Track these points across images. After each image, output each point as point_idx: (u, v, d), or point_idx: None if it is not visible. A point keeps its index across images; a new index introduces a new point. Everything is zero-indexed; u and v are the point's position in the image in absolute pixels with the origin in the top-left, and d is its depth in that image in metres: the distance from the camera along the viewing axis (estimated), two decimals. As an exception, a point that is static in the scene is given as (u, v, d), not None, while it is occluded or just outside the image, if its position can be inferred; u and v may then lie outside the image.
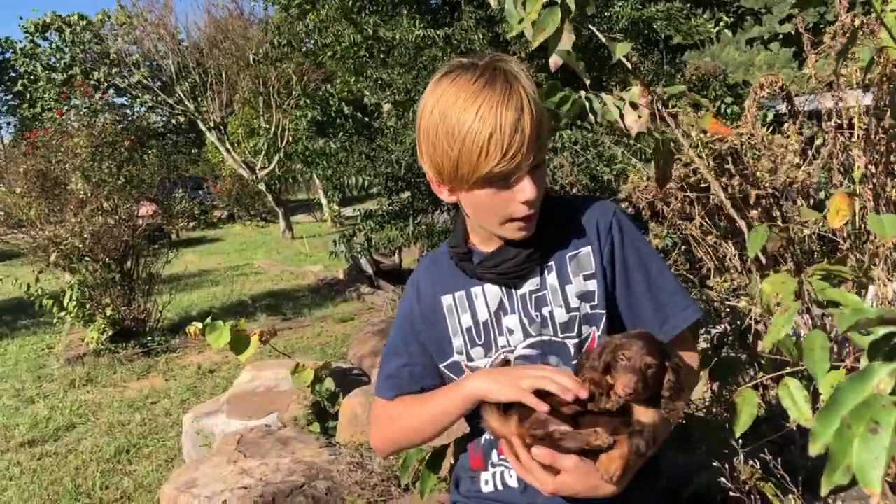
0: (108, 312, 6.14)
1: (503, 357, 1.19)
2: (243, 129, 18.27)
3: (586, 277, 1.18)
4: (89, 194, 6.36)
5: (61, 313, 6.06)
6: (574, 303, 1.17)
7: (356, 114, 4.65)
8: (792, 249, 1.93)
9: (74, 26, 23.40)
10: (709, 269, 2.29)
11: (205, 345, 6.15)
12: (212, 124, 17.63)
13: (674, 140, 1.52)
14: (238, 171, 17.64)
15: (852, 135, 1.95)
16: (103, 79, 20.66)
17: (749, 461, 1.40)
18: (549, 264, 1.19)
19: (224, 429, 3.33)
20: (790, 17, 4.84)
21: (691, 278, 2.52)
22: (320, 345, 6.07)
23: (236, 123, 18.44)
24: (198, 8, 49.00)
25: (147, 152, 7.45)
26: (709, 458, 1.43)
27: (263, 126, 16.67)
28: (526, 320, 1.19)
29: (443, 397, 1.19)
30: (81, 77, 20.86)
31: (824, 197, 2.15)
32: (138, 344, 6.34)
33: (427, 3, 5.10)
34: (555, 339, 1.18)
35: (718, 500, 1.51)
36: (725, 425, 1.46)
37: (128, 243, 6.51)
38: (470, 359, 1.24)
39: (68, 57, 25.10)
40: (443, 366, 1.27)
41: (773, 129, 2.18)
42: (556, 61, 1.31)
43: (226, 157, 17.83)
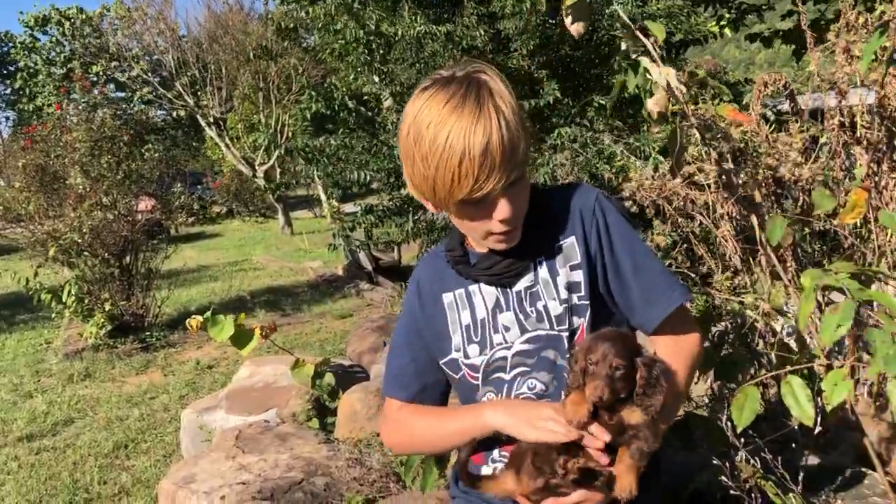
0: (107, 307, 6.13)
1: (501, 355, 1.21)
2: (243, 125, 18.23)
3: (573, 268, 1.18)
4: (88, 189, 6.34)
5: (60, 308, 6.05)
6: (564, 294, 1.18)
7: (360, 108, 4.63)
8: (796, 247, 1.93)
9: (74, 20, 23.34)
10: (710, 268, 2.28)
11: (203, 340, 6.16)
12: (211, 119, 17.60)
13: (690, 127, 1.53)
14: (237, 166, 17.62)
15: (854, 133, 1.94)
16: (102, 73, 20.61)
17: (750, 460, 1.40)
18: (541, 258, 1.20)
19: (223, 424, 3.32)
20: (791, 12, 4.83)
21: (693, 276, 2.51)
22: (319, 341, 6.07)
23: (236, 119, 18.40)
24: (198, 3, 48.90)
25: (146, 147, 7.42)
26: (709, 457, 1.43)
27: (263, 122, 16.63)
28: (521, 316, 1.20)
29: (460, 420, 1.22)
30: (80, 71, 20.81)
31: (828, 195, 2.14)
32: (137, 339, 6.33)
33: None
34: (551, 332, 1.19)
35: (719, 498, 1.51)
36: (726, 423, 1.46)
37: (127, 238, 6.50)
38: (466, 356, 1.25)
39: (68, 51, 25.04)
40: (442, 362, 1.28)
41: (775, 128, 2.18)
42: (579, 28, 1.34)
43: (225, 153, 17.80)
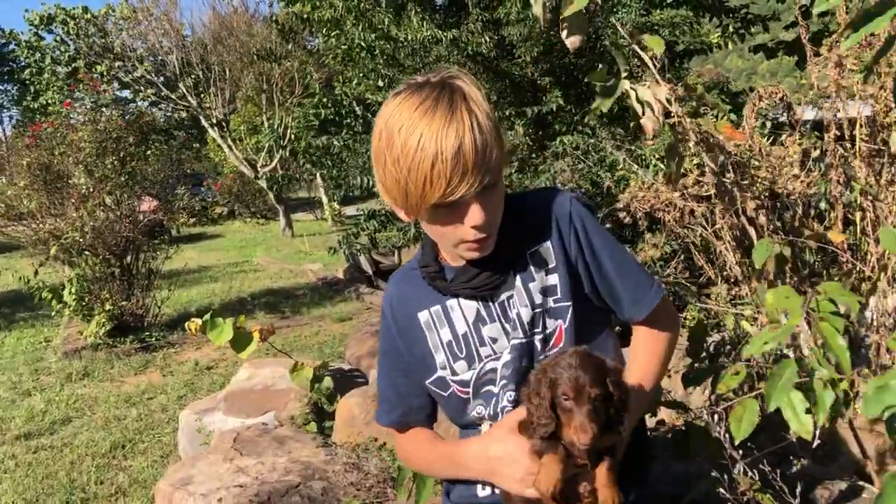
0: (107, 307, 6.13)
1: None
2: (245, 127, 18.27)
3: (548, 272, 1.18)
4: (92, 189, 6.35)
5: (60, 306, 6.06)
6: (538, 299, 1.17)
7: (367, 113, 4.65)
8: (793, 260, 1.93)
9: (79, 19, 23.42)
10: (708, 278, 2.29)
11: (202, 341, 6.16)
12: (214, 121, 17.63)
13: (685, 140, 1.54)
14: (240, 168, 17.64)
15: (853, 146, 1.95)
16: (106, 72, 20.65)
17: (748, 472, 1.40)
18: (517, 267, 1.19)
19: (221, 426, 3.32)
20: (794, 23, 4.84)
21: (690, 287, 2.52)
22: (318, 344, 6.07)
23: (239, 120, 18.45)
24: (203, 4, 49.07)
25: (150, 147, 7.44)
26: (707, 467, 1.43)
27: (266, 124, 16.66)
28: (508, 326, 1.19)
29: (451, 463, 1.23)
30: (85, 70, 20.86)
31: (825, 207, 2.15)
32: (136, 339, 6.33)
33: (433, 3, 5.10)
34: (524, 340, 1.18)
35: (716, 509, 1.51)
36: (725, 434, 1.46)
37: (128, 238, 6.51)
38: (454, 373, 1.24)
39: (72, 50, 25.11)
40: (428, 382, 1.27)
41: (773, 140, 2.18)
42: (575, 42, 1.34)
43: (228, 154, 17.83)
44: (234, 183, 20.65)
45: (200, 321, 3.06)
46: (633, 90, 1.64)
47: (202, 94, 17.91)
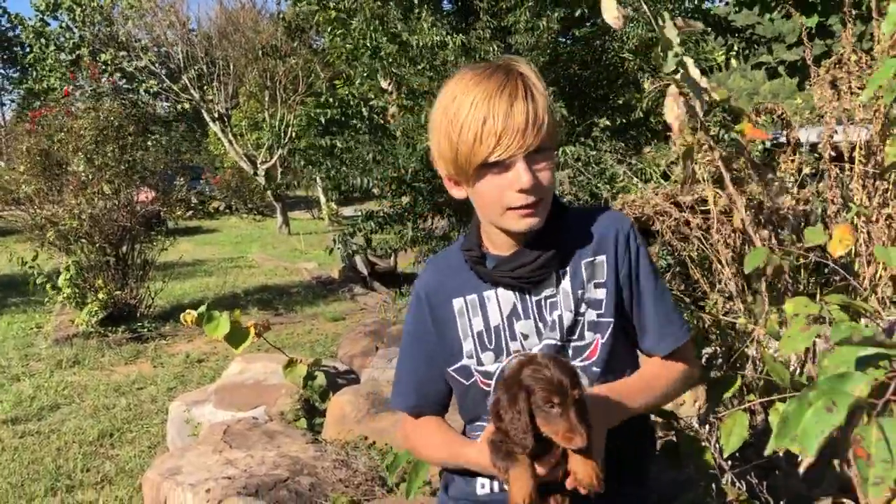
0: (101, 295, 6.12)
1: (517, 360, 1.18)
2: (247, 122, 18.28)
3: (597, 285, 1.20)
4: (91, 177, 6.35)
5: (53, 293, 6.05)
6: (582, 308, 1.19)
7: (373, 115, 4.69)
8: (787, 276, 1.96)
9: (85, 7, 23.38)
10: (703, 291, 2.30)
11: (194, 334, 6.15)
12: (216, 115, 17.63)
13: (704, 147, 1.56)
14: (239, 163, 17.64)
15: (851, 167, 1.98)
16: (111, 61, 20.63)
17: (736, 483, 1.42)
18: (566, 270, 1.20)
19: (211, 418, 3.32)
20: (798, 43, 4.89)
21: (685, 299, 2.53)
22: (310, 342, 6.06)
23: (240, 116, 18.44)
24: (210, -2, 49.19)
25: (150, 138, 7.45)
26: (696, 477, 1.44)
27: (268, 121, 16.68)
28: (540, 324, 1.20)
29: (454, 455, 1.23)
30: (89, 58, 20.85)
31: (821, 227, 2.17)
32: (128, 329, 6.32)
33: (441, 8, 5.14)
34: (558, 343, 1.19)
35: (702, 518, 1.52)
36: (715, 445, 1.48)
37: (125, 228, 6.51)
38: (480, 363, 1.23)
39: (77, 37, 25.07)
40: (451, 369, 1.26)
41: (770, 158, 2.21)
42: (618, 20, 1.38)
43: (228, 149, 17.83)
44: (233, 178, 20.64)
45: (196, 313, 3.06)
46: (690, 67, 1.63)
47: (205, 88, 17.91)
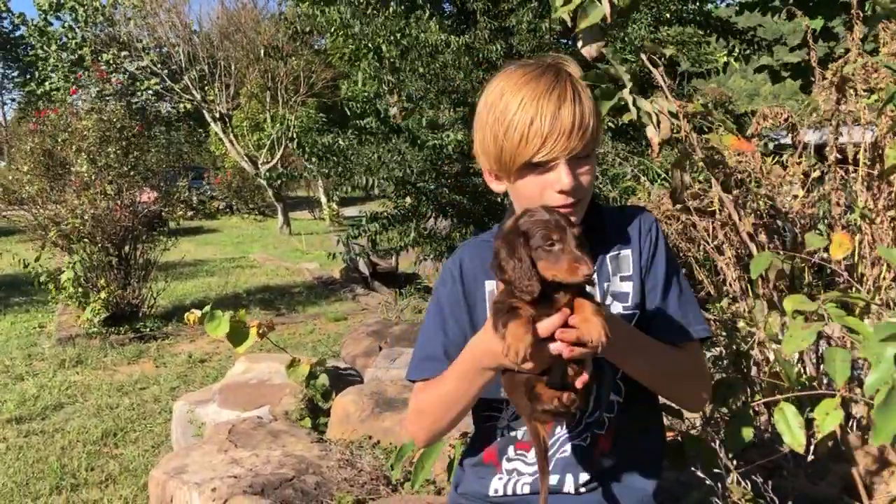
0: (103, 295, 6.14)
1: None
2: (248, 123, 18.30)
3: (623, 279, 1.21)
4: (93, 177, 6.37)
5: (56, 292, 6.07)
6: (608, 301, 1.20)
7: (387, 116, 4.71)
8: (790, 279, 1.97)
9: (88, 7, 23.41)
10: (708, 293, 2.31)
11: (197, 334, 6.16)
12: (217, 115, 17.65)
13: (691, 156, 1.57)
14: (240, 163, 17.66)
15: (855, 170, 1.99)
16: (112, 61, 20.66)
17: (741, 482, 1.43)
18: (594, 263, 1.21)
19: (215, 418, 3.33)
20: (800, 45, 4.90)
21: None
22: (312, 342, 6.07)
23: (242, 116, 18.47)
24: (212, -1, 49.33)
25: (153, 139, 7.47)
26: (701, 477, 1.46)
27: (269, 122, 16.71)
28: None
29: (457, 366, 1.15)
30: (91, 58, 20.87)
31: (824, 229, 2.18)
32: (131, 329, 6.33)
33: (442, 9, 5.15)
34: None
35: (707, 518, 1.53)
36: (719, 445, 1.49)
37: (127, 228, 6.52)
38: None
39: (80, 37, 25.10)
40: None
41: (775, 160, 2.22)
42: (591, 52, 1.37)
43: (229, 149, 17.85)
44: (234, 178, 20.66)
45: (199, 313, 3.07)
46: (637, 103, 1.67)
47: (206, 88, 17.94)
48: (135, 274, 6.72)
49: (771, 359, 1.84)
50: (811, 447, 1.53)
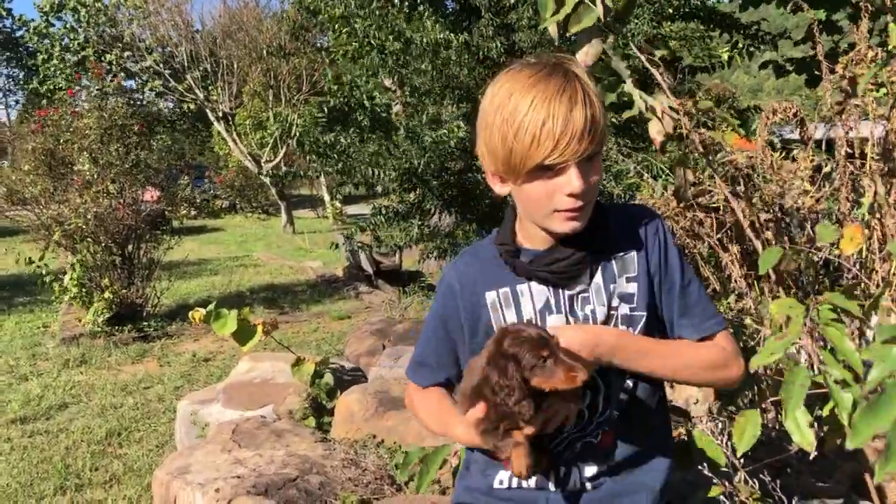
0: (107, 295, 6.14)
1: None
2: (251, 122, 18.31)
3: (629, 279, 1.20)
4: (96, 176, 6.37)
5: (60, 292, 6.07)
6: (615, 302, 1.19)
7: (375, 108, 4.69)
8: (799, 274, 1.95)
9: (90, 7, 23.45)
10: (714, 290, 2.30)
11: (201, 333, 6.17)
12: (220, 114, 17.65)
13: (694, 153, 1.55)
14: (244, 162, 17.67)
15: (863, 164, 1.97)
16: (115, 62, 20.69)
17: (748, 481, 1.41)
18: (598, 265, 1.20)
19: (219, 417, 3.33)
20: (804, 40, 4.85)
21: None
22: (316, 340, 6.07)
23: (244, 115, 18.47)
24: (214, -3, 49.34)
25: (155, 137, 7.47)
26: (708, 476, 1.44)
27: (271, 120, 16.71)
28: (572, 319, 1.19)
29: (443, 427, 1.23)
30: (94, 59, 20.88)
31: (832, 225, 2.16)
32: (134, 328, 6.34)
33: (443, 7, 5.12)
34: None
35: (714, 517, 1.52)
36: (726, 443, 1.47)
37: (131, 227, 6.52)
38: None
39: (82, 38, 25.13)
40: None
41: (784, 155, 2.20)
42: (587, 59, 1.34)
43: (232, 148, 17.86)
44: (237, 177, 20.68)
45: (204, 311, 3.07)
46: (642, 98, 1.65)
47: (209, 87, 17.94)
48: (138, 273, 6.72)
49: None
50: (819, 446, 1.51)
